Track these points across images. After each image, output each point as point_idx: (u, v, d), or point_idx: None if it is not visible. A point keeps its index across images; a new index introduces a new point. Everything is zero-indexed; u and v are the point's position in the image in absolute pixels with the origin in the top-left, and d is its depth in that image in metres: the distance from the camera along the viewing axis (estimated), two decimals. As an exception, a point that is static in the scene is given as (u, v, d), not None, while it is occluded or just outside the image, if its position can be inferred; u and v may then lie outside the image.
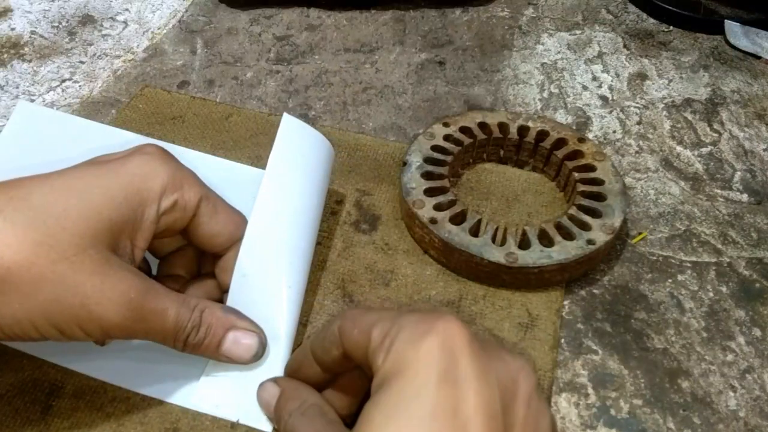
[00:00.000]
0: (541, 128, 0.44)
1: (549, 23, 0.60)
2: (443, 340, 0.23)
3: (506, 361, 0.25)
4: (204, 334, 0.31)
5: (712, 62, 0.56)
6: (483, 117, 0.45)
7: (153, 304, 0.29)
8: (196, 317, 0.30)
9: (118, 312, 0.28)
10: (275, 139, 0.36)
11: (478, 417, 0.21)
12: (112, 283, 0.28)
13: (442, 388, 0.22)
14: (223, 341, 0.31)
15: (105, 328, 0.28)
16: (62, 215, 0.27)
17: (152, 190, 0.30)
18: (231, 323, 0.32)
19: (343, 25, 0.60)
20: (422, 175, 0.41)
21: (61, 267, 0.27)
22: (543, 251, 0.37)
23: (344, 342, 0.26)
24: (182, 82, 0.53)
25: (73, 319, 0.27)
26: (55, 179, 0.29)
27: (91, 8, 0.61)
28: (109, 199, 0.29)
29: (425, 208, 0.39)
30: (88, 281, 0.27)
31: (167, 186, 0.31)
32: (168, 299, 0.30)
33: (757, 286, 0.39)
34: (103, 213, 0.28)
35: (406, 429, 0.21)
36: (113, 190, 0.29)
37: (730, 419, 0.33)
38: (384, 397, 0.22)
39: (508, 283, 0.38)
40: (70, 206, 0.28)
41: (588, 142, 0.43)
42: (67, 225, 0.27)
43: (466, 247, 0.37)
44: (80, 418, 0.32)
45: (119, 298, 0.28)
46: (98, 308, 0.27)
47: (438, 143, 0.43)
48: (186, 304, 0.30)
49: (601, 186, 0.40)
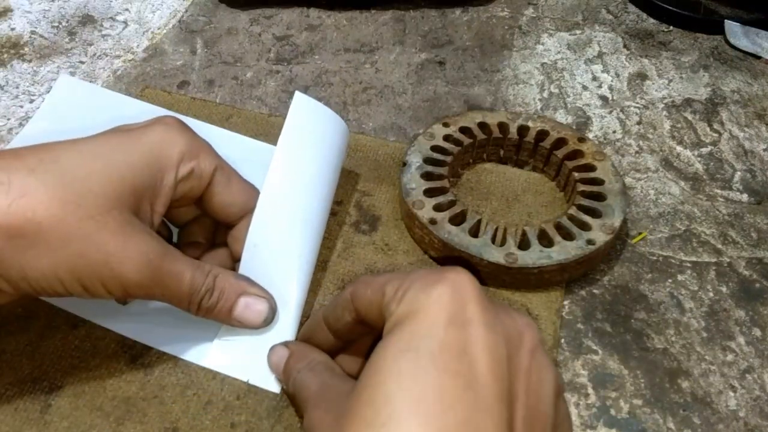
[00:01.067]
0: (541, 128, 0.44)
1: (549, 23, 0.60)
2: (453, 288, 0.24)
3: (512, 315, 0.26)
4: (217, 298, 0.32)
5: (712, 62, 0.56)
6: (483, 117, 0.45)
7: (170, 266, 0.31)
8: (210, 282, 0.32)
9: (138, 271, 0.29)
10: (287, 115, 0.37)
11: (484, 357, 0.22)
12: (134, 243, 0.29)
13: (451, 329, 0.23)
14: (235, 306, 0.33)
15: (125, 286, 0.29)
16: (88, 178, 0.29)
17: (171, 158, 0.32)
18: (243, 289, 0.33)
19: (343, 25, 0.60)
20: (422, 176, 0.41)
21: (87, 225, 0.28)
22: (543, 251, 0.37)
23: (357, 304, 0.28)
24: (182, 82, 0.53)
25: (96, 276, 0.28)
26: (82, 145, 0.30)
27: (91, 8, 0.61)
28: (131, 165, 0.30)
29: (425, 209, 0.39)
30: (111, 240, 0.29)
31: (185, 154, 0.33)
32: (184, 263, 0.31)
33: (757, 286, 0.39)
34: (125, 177, 0.30)
35: (415, 364, 0.22)
36: (135, 156, 0.31)
37: (730, 419, 0.33)
38: (395, 337, 0.24)
39: (508, 283, 0.38)
40: (95, 170, 0.29)
41: (588, 141, 0.43)
42: (92, 187, 0.29)
43: (465, 247, 0.37)
44: (79, 417, 0.32)
45: (139, 258, 0.29)
46: (120, 266, 0.29)
47: (438, 143, 0.43)
48: (201, 269, 0.32)
49: (601, 186, 0.40)
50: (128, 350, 0.35)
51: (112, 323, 0.36)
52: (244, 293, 0.33)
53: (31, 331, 0.35)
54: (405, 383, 0.22)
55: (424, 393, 0.22)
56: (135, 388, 0.33)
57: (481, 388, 0.22)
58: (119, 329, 0.35)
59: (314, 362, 0.31)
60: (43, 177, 0.28)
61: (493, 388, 0.22)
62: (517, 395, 0.23)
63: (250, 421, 0.32)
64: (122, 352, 0.35)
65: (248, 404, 0.33)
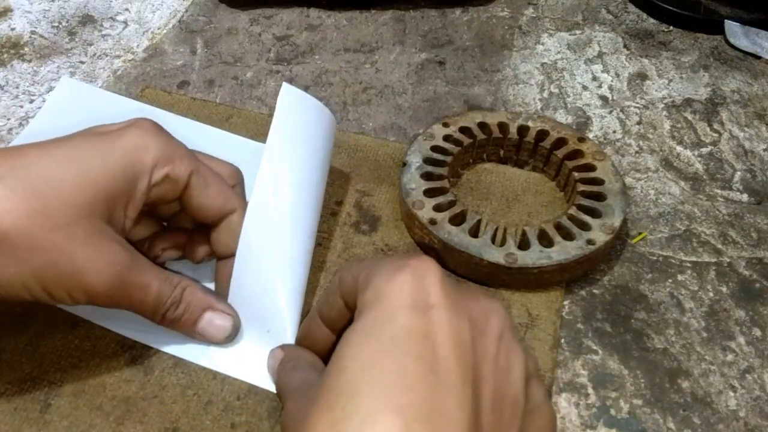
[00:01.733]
0: (541, 128, 0.44)
1: (549, 23, 0.60)
2: (415, 274, 0.24)
3: (479, 300, 0.26)
4: (182, 311, 0.33)
5: (712, 62, 0.56)
6: (483, 117, 0.45)
7: (137, 278, 0.31)
8: (177, 294, 0.32)
9: (104, 282, 0.29)
10: (275, 110, 0.37)
11: (446, 341, 0.22)
12: (101, 254, 0.29)
13: (413, 313, 0.23)
14: (199, 320, 0.33)
15: (90, 295, 0.30)
16: (60, 185, 0.29)
17: (144, 163, 0.32)
18: (209, 304, 0.34)
19: (343, 25, 0.60)
20: (422, 176, 0.41)
21: (55, 235, 0.28)
22: (543, 252, 0.37)
23: (342, 290, 0.28)
24: (182, 82, 0.53)
25: (62, 285, 0.29)
26: (56, 150, 0.30)
27: (91, 8, 0.61)
28: (105, 171, 0.30)
29: (425, 209, 0.39)
30: (79, 251, 0.29)
31: (159, 159, 0.32)
32: (152, 275, 0.32)
33: (757, 286, 0.39)
34: (98, 184, 0.30)
35: (376, 348, 0.22)
36: (109, 162, 0.31)
37: (730, 419, 0.33)
38: (359, 323, 0.24)
39: (508, 283, 0.38)
40: (68, 177, 0.29)
41: (588, 141, 0.43)
42: (64, 195, 0.29)
43: (465, 247, 0.37)
44: (79, 416, 0.32)
45: (106, 269, 0.29)
46: (86, 277, 0.29)
47: (438, 143, 0.43)
48: (168, 281, 0.32)
49: (601, 186, 0.40)
50: (128, 350, 0.35)
51: (113, 323, 0.36)
52: (210, 308, 0.34)
53: (31, 331, 0.35)
54: (366, 367, 0.22)
55: (385, 375, 0.21)
56: (135, 387, 0.33)
57: (443, 370, 0.22)
58: (119, 329, 0.35)
59: (300, 360, 0.31)
60: (13, 185, 0.28)
61: (456, 371, 0.22)
62: (483, 378, 0.23)
63: (251, 421, 0.32)
64: (122, 351, 0.35)
65: (248, 405, 0.33)
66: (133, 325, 0.35)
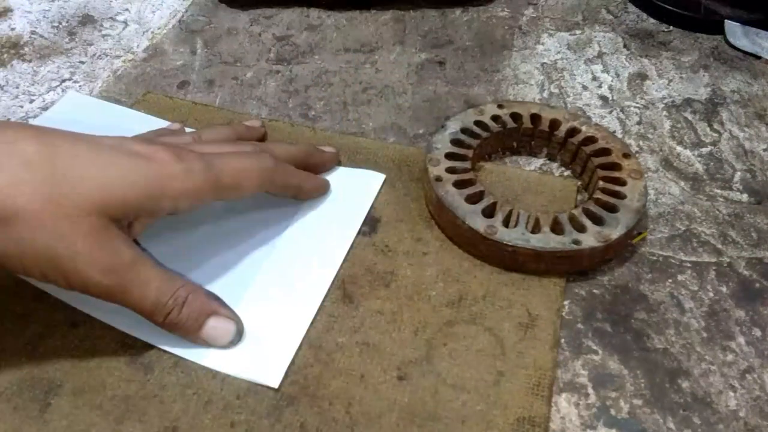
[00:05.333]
0: (592, 134, 0.44)
1: (549, 23, 0.60)
2: None
3: None
4: (187, 316, 0.33)
5: (712, 62, 0.56)
6: (539, 110, 0.46)
7: (137, 275, 0.31)
8: (182, 296, 0.33)
9: (103, 275, 0.30)
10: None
11: None
12: (104, 248, 0.30)
13: None
14: (204, 325, 0.34)
15: (87, 285, 0.31)
16: (79, 184, 0.30)
17: (169, 194, 0.33)
18: (213, 309, 0.34)
19: (343, 25, 0.60)
20: (451, 141, 0.43)
21: (62, 223, 0.29)
22: (524, 234, 0.37)
23: None
24: (182, 82, 0.53)
25: (58, 270, 0.30)
26: (85, 147, 0.32)
27: (91, 8, 0.61)
28: (127, 185, 0.31)
29: (438, 167, 0.41)
30: (81, 241, 0.30)
31: (186, 192, 0.33)
32: (154, 274, 0.32)
33: (757, 286, 0.39)
34: (118, 194, 0.31)
35: None
36: (137, 181, 0.32)
37: (730, 419, 0.33)
38: None
39: (485, 254, 0.39)
40: (90, 177, 0.31)
41: (632, 158, 0.42)
42: (81, 192, 0.30)
43: (454, 208, 0.38)
44: (79, 416, 0.32)
45: (106, 262, 0.30)
46: (84, 266, 0.30)
47: (483, 119, 0.45)
48: (171, 282, 0.33)
49: (621, 200, 0.40)
50: (128, 349, 0.35)
51: (114, 319, 0.36)
52: (214, 314, 0.34)
53: (31, 330, 0.35)
54: None
55: None
56: (135, 387, 0.33)
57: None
58: (120, 326, 0.35)
59: None
60: (34, 172, 0.29)
61: None
62: None
63: (250, 420, 0.32)
64: (122, 351, 0.35)
65: (248, 403, 0.33)
66: (134, 322, 0.35)
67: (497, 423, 0.32)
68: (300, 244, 0.40)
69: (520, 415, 0.32)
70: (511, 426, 0.32)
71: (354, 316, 0.36)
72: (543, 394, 0.33)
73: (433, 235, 0.41)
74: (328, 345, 0.35)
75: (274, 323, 0.36)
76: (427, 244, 0.40)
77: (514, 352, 0.35)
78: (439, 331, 0.36)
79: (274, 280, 0.38)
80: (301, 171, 0.41)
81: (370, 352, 0.35)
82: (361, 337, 0.35)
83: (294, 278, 0.38)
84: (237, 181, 0.35)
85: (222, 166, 0.35)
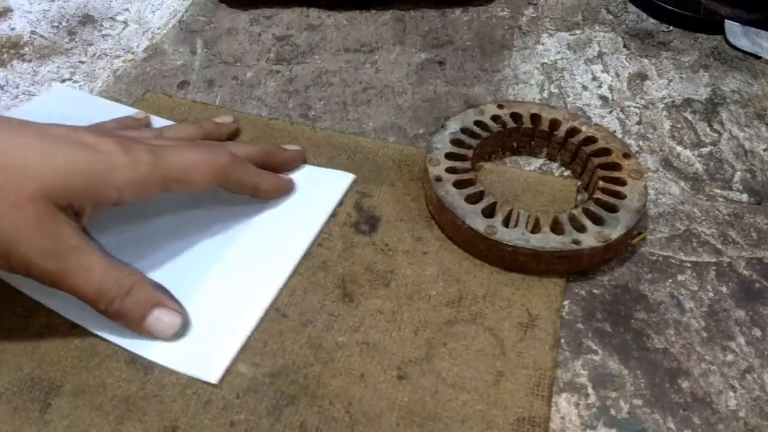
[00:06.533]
0: (592, 134, 0.44)
1: (549, 23, 0.60)
2: None
3: None
4: (132, 305, 0.33)
5: (712, 62, 0.56)
6: (540, 110, 0.46)
7: (80, 260, 0.32)
8: (126, 284, 0.33)
9: (44, 259, 0.31)
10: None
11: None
12: (48, 234, 0.31)
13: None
14: (148, 316, 0.33)
15: (29, 268, 0.31)
16: (23, 169, 0.31)
17: (113, 184, 0.33)
18: (158, 300, 0.34)
19: (343, 25, 0.60)
20: (451, 141, 0.43)
21: (6, 209, 0.30)
22: (524, 234, 0.37)
23: None
24: (182, 82, 0.53)
25: (1, 252, 0.30)
26: (31, 133, 0.33)
27: (90, 8, 0.61)
28: (71, 173, 0.32)
29: (438, 167, 0.41)
30: (24, 226, 0.30)
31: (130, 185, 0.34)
32: (98, 261, 0.32)
33: (757, 286, 0.39)
34: (62, 181, 0.31)
35: None
36: (79, 168, 0.32)
37: (730, 419, 0.33)
38: None
39: (484, 255, 0.39)
40: (34, 163, 0.31)
41: (632, 158, 0.42)
42: (25, 176, 0.31)
43: (454, 208, 0.38)
44: (79, 416, 0.32)
45: (49, 247, 0.31)
46: (27, 250, 0.30)
47: (483, 119, 0.45)
48: (115, 270, 0.33)
49: (621, 200, 0.40)
50: (128, 350, 0.35)
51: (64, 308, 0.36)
52: (160, 305, 0.34)
53: (31, 331, 0.35)
54: None
55: None
56: (135, 387, 0.33)
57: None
58: (69, 315, 0.35)
59: None
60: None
61: None
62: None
63: (250, 419, 0.32)
64: (122, 351, 0.34)
65: (248, 403, 0.33)
66: (85, 313, 0.35)
67: (497, 423, 0.32)
68: (256, 242, 0.40)
69: (520, 415, 0.32)
70: (511, 426, 0.32)
71: (354, 316, 0.36)
72: (543, 394, 0.33)
73: (433, 234, 0.41)
74: (328, 344, 0.35)
75: (220, 319, 0.36)
76: (427, 243, 0.40)
77: (514, 352, 0.35)
78: (439, 331, 0.36)
79: (226, 275, 0.38)
80: (261, 170, 0.41)
81: (370, 351, 0.35)
82: (361, 337, 0.35)
83: (246, 275, 0.38)
84: (186, 175, 0.36)
85: (171, 158, 0.35)
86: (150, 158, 0.34)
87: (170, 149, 0.36)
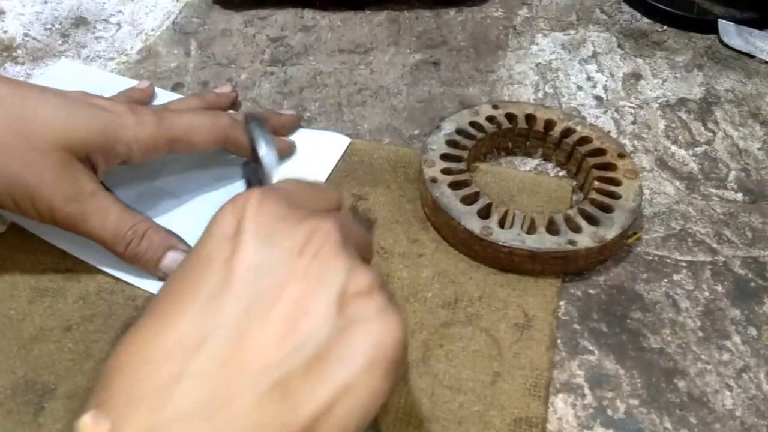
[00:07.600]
0: (587, 134, 0.44)
1: (543, 23, 0.60)
2: (235, 205, 0.25)
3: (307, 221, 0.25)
4: (146, 248, 0.36)
5: (706, 62, 0.56)
6: (534, 110, 0.46)
7: (98, 205, 0.35)
8: (141, 228, 0.36)
9: (66, 202, 0.34)
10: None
11: (240, 266, 0.23)
12: (68, 178, 0.34)
13: (221, 243, 0.24)
14: (162, 258, 0.36)
15: (52, 211, 0.34)
16: (46, 121, 0.34)
17: (122, 140, 0.36)
18: (172, 243, 0.37)
19: (337, 25, 0.60)
20: (447, 142, 0.43)
21: (30, 154, 0.33)
22: (520, 235, 0.37)
23: None
24: (176, 83, 0.53)
25: (27, 196, 0.33)
26: (52, 96, 0.35)
27: (84, 10, 0.61)
28: (88, 128, 0.35)
29: (433, 168, 0.41)
30: (47, 171, 0.33)
31: (138, 142, 0.37)
32: (114, 206, 0.35)
33: (753, 285, 0.39)
34: (80, 135, 0.34)
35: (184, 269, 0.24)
36: (94, 124, 0.35)
37: (726, 418, 0.33)
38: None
39: (481, 256, 0.39)
40: (56, 117, 0.34)
41: (626, 158, 0.42)
42: (47, 129, 0.34)
43: (449, 210, 0.39)
44: (73, 419, 0.31)
45: (69, 190, 0.34)
46: (50, 193, 0.33)
47: (478, 120, 0.45)
48: (130, 214, 0.36)
49: (616, 200, 0.40)
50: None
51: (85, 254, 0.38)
52: (173, 248, 0.36)
53: (25, 334, 0.35)
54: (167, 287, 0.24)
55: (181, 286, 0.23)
56: (129, 391, 0.33)
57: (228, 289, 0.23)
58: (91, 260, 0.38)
59: None
60: (6, 110, 0.33)
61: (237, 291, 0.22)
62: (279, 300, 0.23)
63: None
64: (116, 355, 0.34)
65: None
66: (105, 259, 0.37)
67: (494, 424, 0.32)
68: None
69: (517, 416, 0.32)
70: (508, 427, 0.32)
71: (350, 318, 0.36)
72: (540, 394, 0.33)
73: (429, 236, 0.41)
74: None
75: None
76: (422, 245, 0.40)
77: (511, 352, 0.35)
78: (436, 333, 0.36)
79: None
80: None
81: (366, 353, 0.35)
82: (357, 339, 0.35)
83: None
84: (189, 136, 0.38)
85: (174, 120, 0.38)
86: (155, 119, 0.37)
87: (174, 113, 0.39)
